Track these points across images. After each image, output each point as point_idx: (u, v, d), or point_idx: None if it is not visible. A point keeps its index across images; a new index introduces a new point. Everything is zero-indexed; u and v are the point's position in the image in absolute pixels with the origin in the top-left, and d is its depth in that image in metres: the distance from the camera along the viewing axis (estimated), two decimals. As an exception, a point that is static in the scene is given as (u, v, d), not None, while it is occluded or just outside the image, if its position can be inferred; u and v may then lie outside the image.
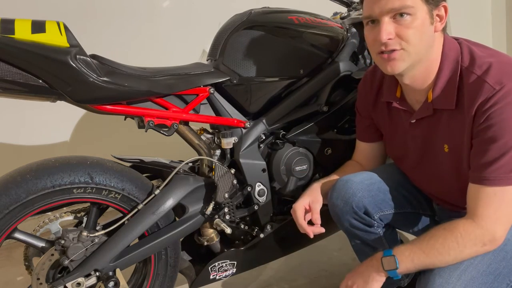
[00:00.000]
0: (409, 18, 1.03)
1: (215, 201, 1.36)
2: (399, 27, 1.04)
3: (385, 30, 1.04)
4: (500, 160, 0.99)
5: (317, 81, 1.50)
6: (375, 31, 1.07)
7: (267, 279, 1.81)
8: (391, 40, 1.05)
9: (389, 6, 1.03)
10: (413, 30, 1.03)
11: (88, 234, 1.23)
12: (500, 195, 1.01)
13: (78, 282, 1.22)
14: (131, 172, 1.32)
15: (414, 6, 1.02)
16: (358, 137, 1.42)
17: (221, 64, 1.40)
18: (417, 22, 1.03)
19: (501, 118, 0.99)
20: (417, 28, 1.04)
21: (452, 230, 1.03)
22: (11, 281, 1.99)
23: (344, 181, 1.27)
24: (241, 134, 1.42)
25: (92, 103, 1.20)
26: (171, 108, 1.32)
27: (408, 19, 1.03)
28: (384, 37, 1.04)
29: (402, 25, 1.04)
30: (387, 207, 1.28)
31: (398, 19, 1.04)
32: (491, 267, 1.05)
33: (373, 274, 1.09)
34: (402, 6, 1.02)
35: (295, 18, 1.45)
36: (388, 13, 1.04)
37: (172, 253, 1.39)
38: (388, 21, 1.04)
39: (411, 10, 1.02)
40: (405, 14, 1.03)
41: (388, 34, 1.04)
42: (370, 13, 1.07)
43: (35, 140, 2.44)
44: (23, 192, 1.15)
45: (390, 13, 1.04)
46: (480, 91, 1.02)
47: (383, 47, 1.07)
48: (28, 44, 1.06)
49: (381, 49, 1.07)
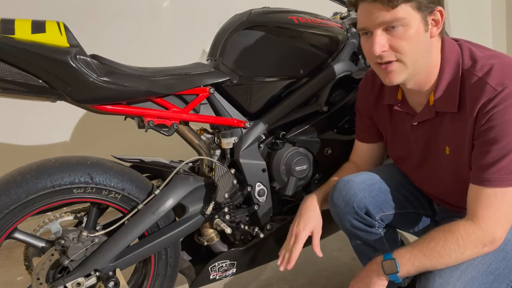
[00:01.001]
0: (402, 29, 1.02)
1: (215, 201, 1.36)
2: (392, 38, 1.03)
3: (378, 43, 1.03)
4: (501, 162, 0.99)
5: (317, 81, 1.50)
6: (369, 42, 1.07)
7: (267, 279, 1.81)
8: (385, 52, 1.05)
9: (380, 20, 1.02)
10: (407, 41, 1.03)
11: (88, 234, 1.23)
12: (500, 196, 1.00)
13: (78, 282, 1.22)
14: (131, 172, 1.32)
15: (406, 17, 1.01)
16: (357, 137, 1.42)
17: (221, 64, 1.39)
18: (411, 32, 1.02)
19: (503, 119, 0.99)
20: (411, 38, 1.02)
21: (453, 232, 1.03)
22: (11, 281, 1.99)
23: (345, 181, 1.27)
24: (241, 134, 1.42)
25: (92, 103, 1.20)
26: (171, 108, 1.32)
27: (401, 30, 1.02)
28: (377, 50, 1.04)
29: (395, 36, 1.03)
30: (388, 208, 1.28)
31: (391, 30, 1.03)
32: (491, 268, 1.05)
33: (375, 279, 1.09)
34: (393, 19, 1.01)
35: (295, 18, 1.45)
36: (380, 26, 1.03)
37: (172, 253, 1.39)
38: (381, 34, 1.04)
39: (403, 21, 1.01)
40: (398, 25, 1.02)
41: (381, 47, 1.04)
42: (363, 25, 1.07)
43: (35, 140, 2.44)
44: (23, 192, 1.15)
45: (382, 26, 1.03)
46: (481, 93, 1.01)
47: (378, 60, 1.07)
48: (28, 44, 1.06)
49: (376, 60, 1.08)
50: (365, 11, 1.05)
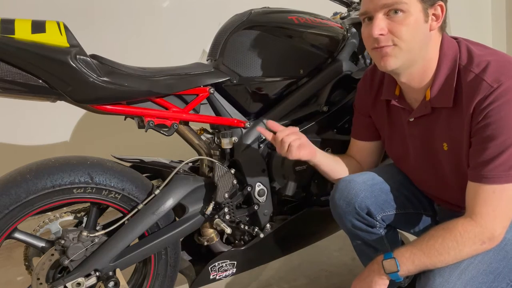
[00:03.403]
0: (402, 15, 1.04)
1: (215, 201, 1.36)
2: (392, 23, 1.06)
3: (378, 25, 1.06)
4: (499, 158, 1.00)
5: (317, 81, 1.50)
6: (369, 27, 1.09)
7: (267, 279, 1.81)
8: (383, 36, 1.06)
9: (382, 2, 1.05)
10: (406, 27, 1.05)
11: (88, 234, 1.23)
12: (498, 193, 1.01)
13: (78, 282, 1.22)
14: (131, 172, 1.32)
15: (408, 3, 1.04)
16: (353, 135, 1.41)
17: (221, 64, 1.39)
18: (410, 19, 1.04)
19: (499, 116, 0.99)
20: (410, 25, 1.05)
21: (451, 229, 1.03)
22: (11, 281, 1.99)
23: (346, 181, 1.27)
24: (241, 134, 1.42)
25: (92, 103, 1.20)
26: (171, 108, 1.32)
27: (401, 16, 1.04)
28: (376, 32, 1.06)
29: (395, 21, 1.05)
30: (389, 208, 1.28)
31: (391, 15, 1.05)
32: (491, 267, 1.05)
33: (376, 279, 1.09)
34: (395, 1, 1.04)
35: (295, 18, 1.45)
36: (382, 9, 1.06)
37: (172, 253, 1.39)
38: (382, 18, 1.06)
39: (404, 7, 1.04)
40: (399, 10, 1.04)
41: (380, 30, 1.06)
42: (365, 9, 1.10)
43: (35, 140, 2.44)
44: (23, 192, 1.15)
45: (383, 9, 1.06)
46: (478, 89, 1.02)
47: (375, 44, 1.08)
48: (28, 44, 1.06)
49: (374, 45, 1.09)
50: None
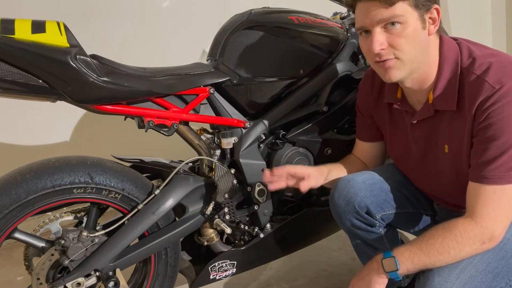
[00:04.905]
0: (400, 26, 1.03)
1: (215, 201, 1.36)
2: (391, 36, 1.04)
3: (377, 41, 1.04)
4: (500, 159, 1.00)
5: (317, 81, 1.50)
6: (368, 41, 1.07)
7: (267, 279, 1.81)
8: (384, 50, 1.05)
9: (378, 17, 1.03)
10: (405, 39, 1.03)
11: (88, 234, 1.23)
12: (499, 193, 1.01)
13: (78, 282, 1.22)
14: (131, 172, 1.32)
15: (404, 15, 1.02)
16: (358, 136, 1.42)
17: (221, 64, 1.40)
18: (409, 30, 1.03)
19: (501, 116, 0.99)
20: (409, 36, 1.03)
21: (451, 229, 1.03)
22: (11, 281, 1.99)
23: (346, 180, 1.27)
24: (241, 134, 1.42)
25: (92, 103, 1.20)
26: (171, 108, 1.32)
27: (399, 27, 1.03)
28: (377, 48, 1.04)
29: (394, 34, 1.04)
30: (388, 207, 1.28)
31: (389, 28, 1.04)
32: (490, 266, 1.05)
33: (375, 277, 1.09)
34: (392, 16, 1.02)
35: (295, 18, 1.45)
36: (378, 24, 1.04)
37: (172, 253, 1.39)
38: (380, 31, 1.04)
39: (401, 19, 1.02)
40: (396, 23, 1.03)
41: (380, 45, 1.04)
42: (361, 24, 1.08)
43: (35, 140, 2.44)
44: (23, 192, 1.15)
45: (380, 23, 1.04)
46: (480, 90, 1.02)
47: (377, 58, 1.07)
48: (28, 44, 1.06)
49: (375, 59, 1.08)
50: (363, 10, 1.06)
